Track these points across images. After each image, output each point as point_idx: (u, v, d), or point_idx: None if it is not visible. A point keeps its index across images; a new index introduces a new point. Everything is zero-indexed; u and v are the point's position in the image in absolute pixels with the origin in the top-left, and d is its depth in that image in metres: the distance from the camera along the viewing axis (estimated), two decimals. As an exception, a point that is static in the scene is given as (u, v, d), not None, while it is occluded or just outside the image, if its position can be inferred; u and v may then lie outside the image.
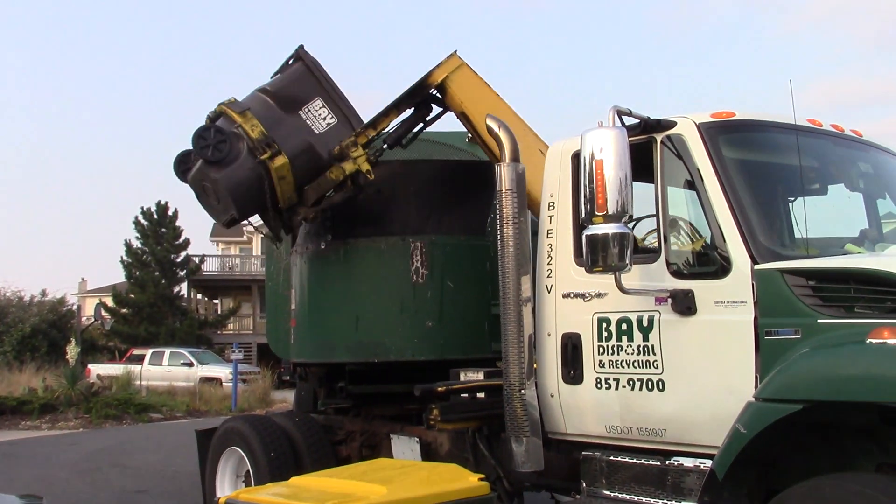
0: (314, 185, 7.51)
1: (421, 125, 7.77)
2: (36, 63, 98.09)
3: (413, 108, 7.62)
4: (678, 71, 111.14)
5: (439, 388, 6.51)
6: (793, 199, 5.40)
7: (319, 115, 7.53)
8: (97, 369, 30.77)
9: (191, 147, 7.34)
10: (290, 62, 7.86)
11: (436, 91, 7.39)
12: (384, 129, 7.56)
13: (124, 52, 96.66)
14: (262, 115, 7.40)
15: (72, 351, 24.38)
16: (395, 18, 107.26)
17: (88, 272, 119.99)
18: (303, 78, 7.65)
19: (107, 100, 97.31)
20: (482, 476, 4.66)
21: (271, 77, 8.07)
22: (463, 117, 7.39)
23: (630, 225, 4.81)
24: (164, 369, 31.93)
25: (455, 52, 7.34)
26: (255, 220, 8.06)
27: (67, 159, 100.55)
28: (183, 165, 7.97)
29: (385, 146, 7.59)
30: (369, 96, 76.27)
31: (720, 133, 5.09)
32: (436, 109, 7.71)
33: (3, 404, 21.34)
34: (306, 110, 7.53)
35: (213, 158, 7.23)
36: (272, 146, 7.25)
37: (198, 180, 7.64)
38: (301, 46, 7.80)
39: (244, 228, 56.11)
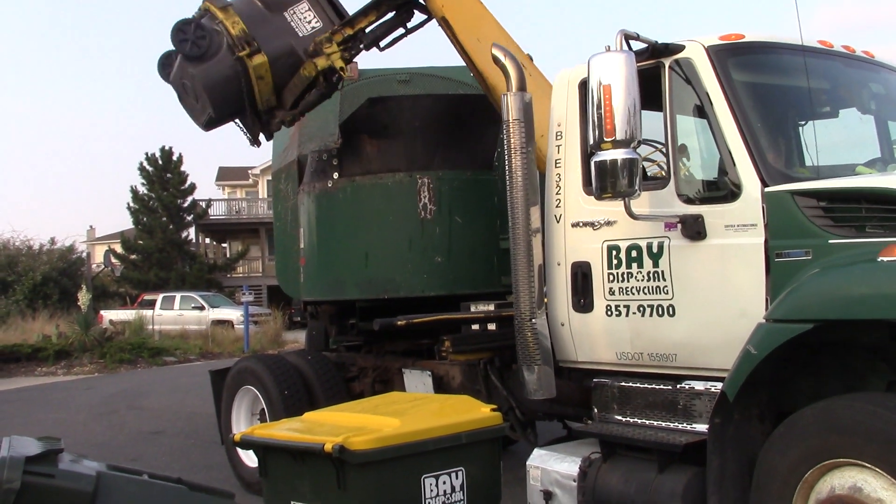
0: (290, 85, 7.38)
1: (402, 30, 7.58)
2: (42, 10, 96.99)
3: (394, 11, 7.43)
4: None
5: (399, 322, 6.56)
6: (803, 122, 5.33)
7: (305, 17, 7.38)
8: (109, 315, 31.04)
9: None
10: None
11: None
12: (362, 28, 7.39)
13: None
14: (246, 12, 7.24)
15: (83, 298, 24.56)
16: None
17: (96, 219, 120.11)
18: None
19: (111, 45, 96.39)
20: (494, 406, 4.70)
21: None
22: (444, 23, 7.17)
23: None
24: (175, 313, 32.16)
25: None
26: (261, 163, 8.01)
27: (72, 106, 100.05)
28: (167, 67, 7.79)
29: (362, 46, 7.43)
30: None
31: (729, 56, 5.00)
32: (419, 17, 7.52)
33: (18, 351, 21.59)
34: (291, 12, 7.39)
35: (191, 53, 7.10)
36: (252, 44, 7.11)
37: (178, 79, 7.51)
38: None
39: (249, 171, 55.83)
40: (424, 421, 4.40)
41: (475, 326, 6.83)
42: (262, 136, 7.97)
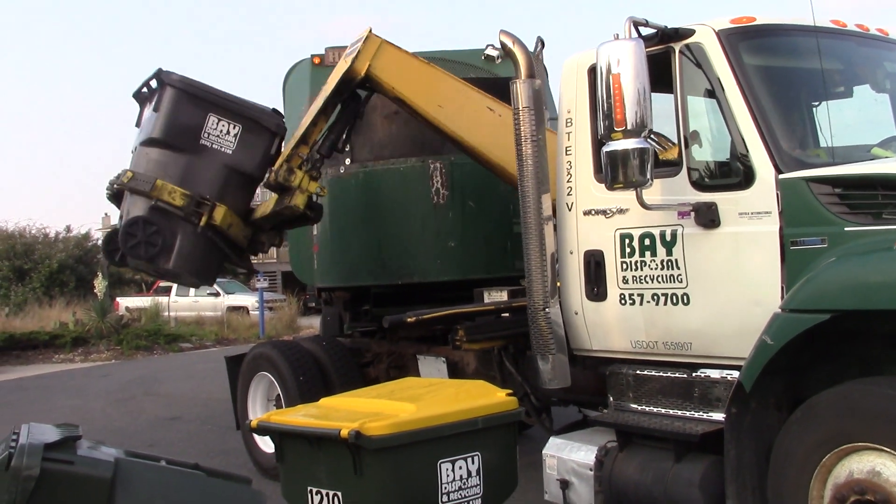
0: (270, 215, 6.97)
1: (355, 118, 7.09)
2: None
3: (341, 105, 6.92)
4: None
5: (409, 319, 6.56)
6: (817, 104, 5.28)
7: (221, 131, 6.81)
8: (125, 302, 31.24)
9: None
10: (156, 91, 7.00)
11: (362, 82, 6.76)
12: (316, 140, 6.93)
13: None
14: (170, 172, 6.74)
15: (99, 285, 24.64)
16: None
17: (111, 208, 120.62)
18: (182, 104, 6.86)
19: (124, 32, 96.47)
20: (510, 391, 4.71)
21: (139, 114, 7.30)
22: (398, 101, 6.89)
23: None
24: (191, 300, 32.30)
25: (370, 30, 6.69)
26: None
27: (86, 94, 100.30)
28: (112, 249, 7.25)
29: (320, 156, 6.90)
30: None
31: (741, 39, 4.95)
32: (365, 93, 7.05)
33: (36, 339, 21.76)
34: (206, 135, 6.80)
35: (150, 254, 6.69)
36: (203, 202, 6.69)
37: (145, 268, 7.08)
38: (160, 70, 6.98)
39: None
40: (440, 406, 4.41)
41: None
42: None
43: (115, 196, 7.19)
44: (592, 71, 5.17)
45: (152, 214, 6.73)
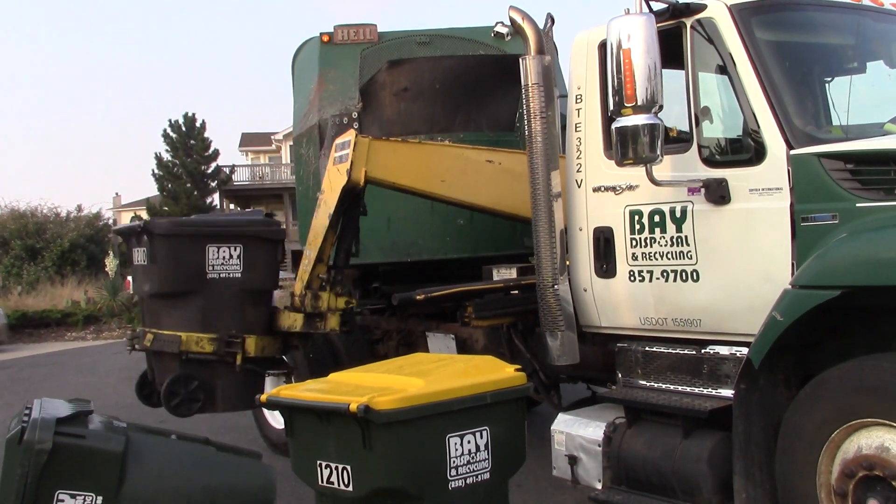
0: (301, 333, 6.85)
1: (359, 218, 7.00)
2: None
3: (346, 214, 6.82)
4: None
5: (418, 297, 6.56)
6: (830, 79, 5.23)
7: (225, 258, 6.61)
8: (136, 281, 31.33)
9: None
10: (142, 234, 6.71)
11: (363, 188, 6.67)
12: (329, 255, 6.87)
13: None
14: (189, 319, 6.55)
15: (111, 264, 24.79)
16: None
17: (122, 187, 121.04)
18: (177, 249, 6.60)
19: (134, 13, 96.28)
20: (518, 367, 4.72)
21: (129, 253, 7.15)
22: (401, 190, 6.85)
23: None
24: (200, 279, 32.42)
25: (355, 134, 6.57)
26: (284, 128, 7.91)
27: (96, 74, 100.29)
28: (146, 391, 7.16)
29: (340, 269, 6.83)
30: None
31: (753, 14, 4.90)
32: None
33: (49, 317, 21.95)
34: (211, 268, 6.58)
35: (196, 410, 6.60)
36: (233, 340, 6.56)
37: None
38: (146, 223, 6.80)
39: (272, 137, 55.70)
40: (449, 381, 4.41)
41: None
42: None
43: (149, 374, 7.08)
44: (603, 47, 5.14)
45: (188, 369, 6.59)
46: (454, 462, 4.19)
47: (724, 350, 4.83)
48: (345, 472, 4.16)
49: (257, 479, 4.87)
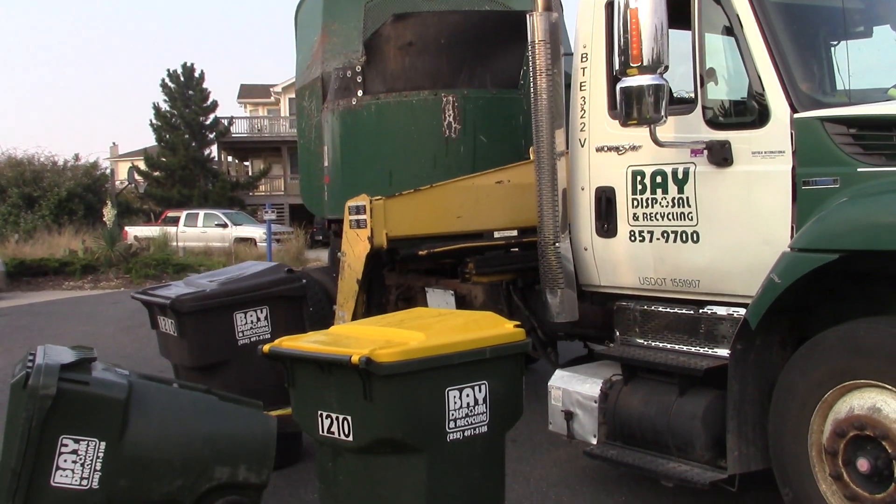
0: None
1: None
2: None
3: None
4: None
5: (421, 252, 6.60)
6: (836, 43, 5.23)
7: (253, 322, 6.61)
8: (134, 231, 31.37)
9: None
10: (170, 312, 6.59)
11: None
12: (362, 311, 6.81)
13: None
14: (230, 383, 6.19)
15: (108, 213, 24.75)
16: None
17: (119, 136, 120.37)
18: (206, 324, 6.51)
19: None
20: (517, 323, 4.77)
21: (151, 315, 7.13)
22: (417, 239, 6.77)
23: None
24: (199, 230, 32.46)
25: (370, 200, 6.49)
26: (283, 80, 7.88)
27: (95, 22, 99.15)
28: None
29: None
30: None
31: (761, -25, 4.88)
32: None
33: (46, 265, 21.95)
34: (241, 334, 6.56)
35: None
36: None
37: None
38: (173, 301, 6.51)
39: (271, 90, 55.08)
40: (449, 335, 4.45)
41: None
42: None
43: None
44: (610, 5, 5.13)
45: None
46: (453, 415, 4.24)
47: (721, 310, 4.88)
48: (345, 423, 4.22)
49: (258, 427, 4.93)
